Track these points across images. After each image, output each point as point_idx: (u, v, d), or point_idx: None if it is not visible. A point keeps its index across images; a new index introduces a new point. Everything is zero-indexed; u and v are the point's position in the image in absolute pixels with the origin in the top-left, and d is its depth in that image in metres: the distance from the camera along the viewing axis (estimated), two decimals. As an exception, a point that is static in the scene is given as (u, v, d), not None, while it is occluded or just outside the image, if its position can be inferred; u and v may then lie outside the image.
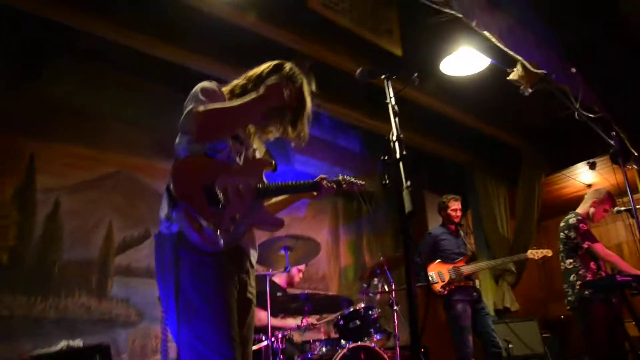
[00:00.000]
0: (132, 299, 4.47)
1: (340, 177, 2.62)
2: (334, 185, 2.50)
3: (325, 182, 2.45)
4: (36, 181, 4.27)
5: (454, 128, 6.00)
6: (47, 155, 4.35)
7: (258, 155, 2.21)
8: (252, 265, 2.12)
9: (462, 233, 5.20)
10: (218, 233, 1.82)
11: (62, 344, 3.23)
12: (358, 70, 2.00)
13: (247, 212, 1.99)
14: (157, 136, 4.81)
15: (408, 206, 1.49)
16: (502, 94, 4.82)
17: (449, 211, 5.11)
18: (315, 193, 2.45)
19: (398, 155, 1.64)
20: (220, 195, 1.87)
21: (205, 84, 2.05)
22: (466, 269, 4.86)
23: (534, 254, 4.87)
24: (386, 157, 1.66)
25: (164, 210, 1.90)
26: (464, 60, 4.49)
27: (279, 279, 4.61)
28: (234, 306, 1.87)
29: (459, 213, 5.14)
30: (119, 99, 4.73)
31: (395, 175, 1.58)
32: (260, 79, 2.17)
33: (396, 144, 1.65)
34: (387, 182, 1.66)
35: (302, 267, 4.70)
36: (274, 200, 2.36)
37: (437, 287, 4.77)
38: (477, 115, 5.89)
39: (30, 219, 4.17)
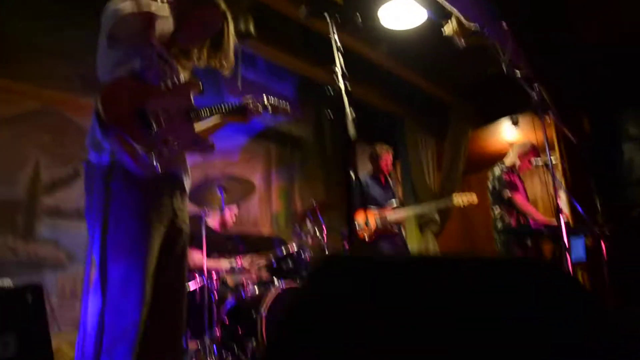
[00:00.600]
0: (61, 240, 4.35)
1: (265, 99, 2.57)
2: (260, 107, 2.47)
3: (251, 103, 2.43)
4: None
5: (388, 79, 6.10)
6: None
7: (182, 78, 2.16)
8: (184, 190, 2.13)
9: (391, 183, 5.31)
10: (153, 156, 1.81)
11: (-10, 283, 3.12)
12: (301, 8, 2.02)
13: (179, 135, 1.96)
14: (83, 70, 4.60)
15: (353, 134, 1.57)
16: (436, 50, 4.96)
17: (380, 161, 5.21)
18: (243, 116, 2.44)
19: (342, 87, 1.70)
20: (152, 119, 1.84)
21: (122, 4, 1.92)
22: (392, 216, 4.99)
23: (459, 199, 4.97)
24: (330, 89, 1.71)
25: (92, 137, 1.85)
26: (401, 13, 4.55)
27: (212, 221, 4.65)
28: (154, 256, 1.87)
29: (390, 164, 5.26)
30: (53, 32, 4.44)
31: (340, 105, 1.64)
32: (177, 1, 2.07)
33: (340, 77, 1.71)
34: (331, 115, 1.73)
35: (235, 210, 4.75)
36: (204, 124, 2.34)
37: (363, 233, 4.87)
38: (410, 68, 6.02)
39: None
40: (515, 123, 6.85)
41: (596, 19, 4.89)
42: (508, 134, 7.60)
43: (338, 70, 1.71)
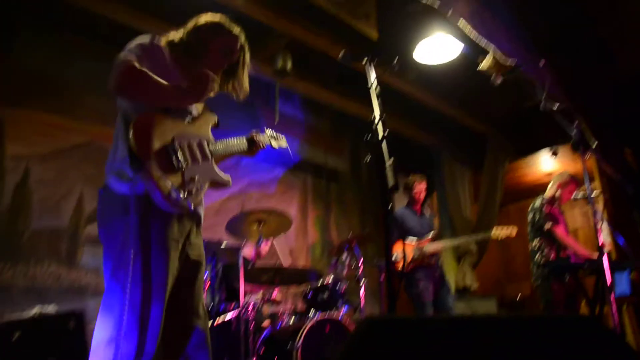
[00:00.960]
0: (101, 268, 4.47)
1: (267, 132, 2.66)
2: (262, 142, 2.53)
3: (255, 137, 2.51)
4: (6, 148, 4.22)
5: (424, 112, 6.16)
6: (18, 122, 4.30)
7: (195, 110, 2.19)
8: (200, 224, 2.13)
9: (427, 213, 5.29)
10: (184, 195, 1.87)
11: (35, 309, 3.24)
12: (341, 53, 2.08)
13: (202, 171, 2.01)
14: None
15: (391, 181, 1.60)
16: (472, 82, 4.99)
17: (414, 191, 5.17)
18: (249, 150, 2.49)
19: (380, 136, 1.74)
20: (181, 156, 1.90)
21: (142, 38, 2.04)
22: (429, 247, 4.95)
23: (498, 232, 4.94)
24: (370, 136, 1.75)
25: (114, 166, 1.90)
26: (437, 47, 4.60)
27: (248, 252, 4.72)
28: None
29: (423, 193, 5.20)
30: (93, 70, 4.69)
31: (378, 153, 1.67)
32: (198, 31, 2.15)
33: (379, 124, 1.75)
34: (369, 159, 1.76)
35: (270, 242, 4.82)
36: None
37: (399, 265, 4.82)
38: (447, 101, 6.06)
39: (-2, 187, 4.14)
40: (555, 154, 6.75)
41: (636, 48, 4.83)
42: (547, 165, 7.50)
43: (377, 117, 1.75)
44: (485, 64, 4.30)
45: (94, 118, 4.68)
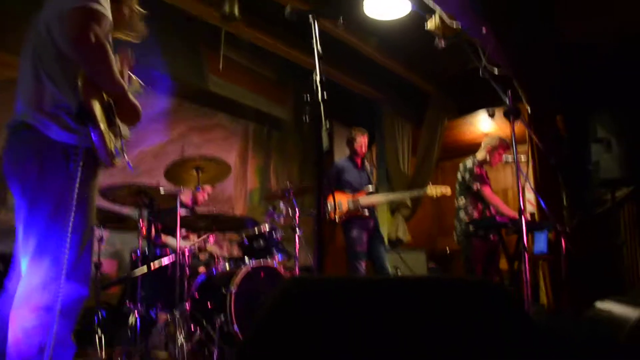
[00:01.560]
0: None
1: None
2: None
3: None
4: None
5: (369, 65, 6.17)
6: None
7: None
8: None
9: (367, 166, 5.39)
10: (123, 151, 2.07)
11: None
12: (287, 9, 2.06)
13: (124, 129, 2.16)
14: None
15: (326, 145, 1.65)
16: (418, 40, 5.02)
17: (356, 145, 5.23)
18: None
19: (320, 97, 1.77)
20: (116, 113, 2.05)
21: None
22: (364, 200, 5.07)
23: (432, 190, 5.02)
24: (309, 97, 1.77)
25: (57, 115, 1.92)
26: (386, 3, 4.58)
27: (185, 198, 4.71)
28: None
29: (364, 147, 5.27)
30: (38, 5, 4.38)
31: (316, 114, 1.70)
32: None
33: (319, 85, 1.77)
34: (308, 119, 1.79)
35: (208, 189, 4.82)
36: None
37: (332, 215, 4.92)
38: (392, 56, 6.09)
39: None
40: (491, 115, 7.00)
41: (581, 19, 4.98)
42: (484, 126, 7.76)
43: (316, 77, 1.77)
44: (431, 24, 4.34)
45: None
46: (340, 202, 5.05)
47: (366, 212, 5.07)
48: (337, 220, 5.02)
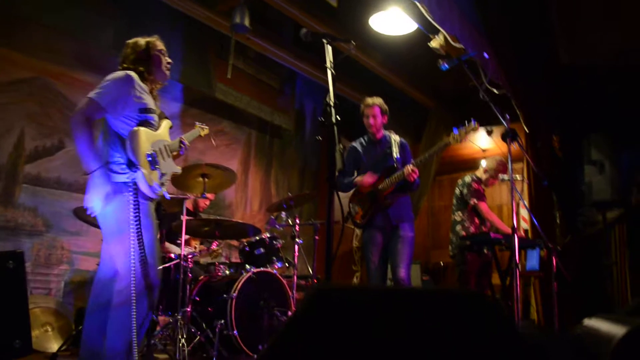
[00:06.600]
0: (40, 208, 4.45)
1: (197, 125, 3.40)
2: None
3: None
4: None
5: (370, 78, 6.29)
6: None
7: (157, 117, 2.77)
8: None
9: (389, 136, 4.30)
10: (162, 188, 2.63)
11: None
12: (302, 30, 2.17)
13: (168, 168, 2.73)
14: (82, 46, 4.69)
15: (339, 164, 1.76)
16: (420, 57, 5.15)
17: (365, 121, 4.24)
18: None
19: (333, 120, 1.88)
20: (156, 159, 2.59)
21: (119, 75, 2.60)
22: (384, 185, 4.01)
23: (456, 137, 4.09)
24: (323, 119, 1.88)
25: (113, 164, 2.52)
26: (392, 20, 4.72)
27: (187, 203, 4.80)
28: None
29: (378, 117, 4.18)
30: (47, 3, 4.48)
31: (330, 136, 1.82)
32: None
33: (332, 108, 1.88)
34: (320, 139, 1.90)
35: (210, 196, 4.92)
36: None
37: (358, 218, 4.07)
38: (394, 71, 6.21)
39: None
40: (489, 133, 7.14)
41: (577, 44, 5.13)
42: (482, 142, 7.89)
43: (330, 101, 1.88)
44: (436, 42, 4.47)
45: (42, 54, 4.51)
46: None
47: (387, 200, 4.00)
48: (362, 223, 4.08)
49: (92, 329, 2.56)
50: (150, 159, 2.56)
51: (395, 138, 4.29)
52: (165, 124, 2.86)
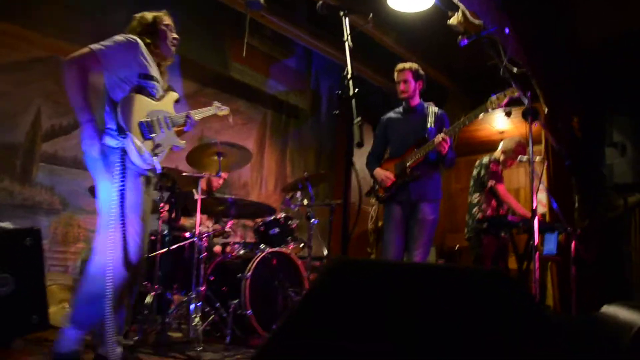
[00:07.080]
0: (57, 187, 4.49)
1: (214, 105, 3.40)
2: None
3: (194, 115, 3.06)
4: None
5: (387, 57, 6.19)
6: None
7: (162, 90, 2.75)
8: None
9: (428, 108, 4.03)
10: (154, 158, 2.54)
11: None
12: (319, 4, 2.12)
13: (166, 140, 2.68)
14: (98, 25, 4.67)
15: (357, 138, 1.72)
16: (438, 34, 5.05)
17: (397, 88, 4.02)
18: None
19: (351, 93, 1.83)
20: (151, 129, 2.54)
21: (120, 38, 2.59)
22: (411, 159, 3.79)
23: (493, 104, 3.90)
24: (341, 92, 1.84)
25: (112, 127, 2.48)
26: (409, -3, 4.62)
27: (201, 182, 4.79)
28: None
29: (410, 83, 3.96)
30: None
31: (347, 109, 1.78)
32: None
33: (350, 81, 1.83)
34: (338, 112, 1.86)
35: (224, 175, 4.90)
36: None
37: (381, 192, 3.87)
38: (410, 49, 6.11)
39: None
40: (508, 114, 7.00)
41: (598, 24, 4.99)
42: (500, 124, 7.78)
43: (347, 74, 1.83)
44: (454, 19, 4.38)
45: (58, 33, 4.51)
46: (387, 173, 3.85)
47: (415, 173, 3.74)
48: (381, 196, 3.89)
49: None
50: (144, 127, 2.50)
51: (433, 109, 4.03)
52: (170, 96, 2.81)
